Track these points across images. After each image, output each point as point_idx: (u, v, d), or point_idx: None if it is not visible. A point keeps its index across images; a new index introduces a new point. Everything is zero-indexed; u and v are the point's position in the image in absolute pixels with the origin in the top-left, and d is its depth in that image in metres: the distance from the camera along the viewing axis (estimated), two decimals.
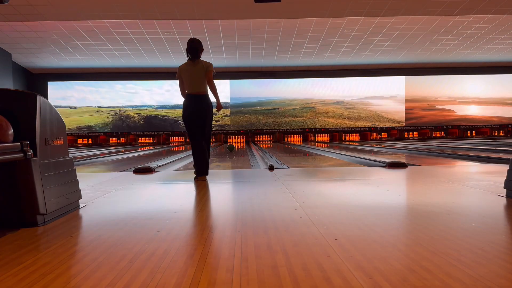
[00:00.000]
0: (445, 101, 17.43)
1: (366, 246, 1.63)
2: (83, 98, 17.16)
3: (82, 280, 1.31)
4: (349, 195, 2.92)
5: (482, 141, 12.24)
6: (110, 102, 17.24)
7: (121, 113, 17.19)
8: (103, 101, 17.21)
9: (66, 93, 17.05)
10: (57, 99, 16.88)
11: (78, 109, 17.18)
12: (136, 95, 17.22)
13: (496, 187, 3.04)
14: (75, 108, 17.14)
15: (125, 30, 11.68)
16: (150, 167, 4.76)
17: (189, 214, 2.39)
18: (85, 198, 2.82)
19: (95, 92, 17.18)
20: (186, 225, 2.09)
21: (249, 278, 1.30)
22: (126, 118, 17.22)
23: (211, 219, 2.28)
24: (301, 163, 6.69)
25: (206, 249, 1.63)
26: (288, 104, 17.33)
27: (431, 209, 2.33)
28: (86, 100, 17.17)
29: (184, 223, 2.13)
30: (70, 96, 17.10)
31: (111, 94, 17.21)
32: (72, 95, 17.12)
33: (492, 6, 9.98)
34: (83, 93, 17.18)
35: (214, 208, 2.61)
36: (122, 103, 17.20)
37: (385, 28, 12.02)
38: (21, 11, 9.68)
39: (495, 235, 1.78)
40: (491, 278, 1.26)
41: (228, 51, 14.05)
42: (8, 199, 2.06)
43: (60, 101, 16.95)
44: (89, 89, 17.13)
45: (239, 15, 10.34)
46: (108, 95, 17.18)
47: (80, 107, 17.18)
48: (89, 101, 17.19)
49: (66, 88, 16.98)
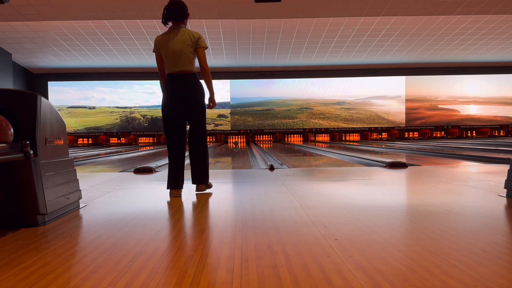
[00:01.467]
0: (446, 101, 17.42)
1: (367, 246, 1.62)
2: (103, 99, 17.32)
3: (82, 280, 1.31)
4: (350, 195, 2.92)
5: (483, 141, 12.23)
6: (128, 103, 17.33)
7: (128, 115, 17.24)
8: (121, 102, 17.32)
9: (88, 93, 17.24)
10: (79, 99, 17.10)
11: (97, 109, 17.31)
12: (154, 95, 17.27)
13: (496, 187, 3.04)
14: (94, 109, 17.26)
15: (125, 30, 11.68)
16: (150, 167, 4.76)
17: (189, 214, 2.39)
18: (86, 198, 2.82)
19: (114, 92, 17.30)
20: (186, 225, 2.08)
21: (249, 278, 1.30)
22: (132, 120, 17.27)
23: (211, 219, 2.28)
24: (301, 163, 6.69)
25: (206, 249, 1.63)
26: (288, 104, 17.32)
27: (432, 209, 2.33)
28: (104, 101, 17.32)
29: (184, 223, 2.13)
30: (91, 97, 17.29)
31: (129, 94, 17.30)
32: (93, 96, 17.31)
33: (492, 6, 9.97)
34: (103, 93, 17.34)
35: (214, 208, 2.61)
36: (139, 103, 17.25)
37: (385, 28, 12.02)
38: (21, 11, 9.68)
39: (495, 235, 1.78)
40: (491, 278, 1.26)
41: (228, 51, 14.05)
42: (8, 199, 2.05)
43: (82, 102, 17.15)
44: (109, 89, 17.25)
45: (239, 15, 10.34)
46: (126, 95, 17.28)
47: (98, 107, 17.30)
48: (108, 102, 17.32)
49: (89, 89, 17.14)
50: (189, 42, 2.92)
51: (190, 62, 2.95)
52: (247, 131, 17.23)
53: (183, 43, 2.91)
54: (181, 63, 2.93)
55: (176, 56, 2.92)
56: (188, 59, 2.94)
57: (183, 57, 2.92)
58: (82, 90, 17.15)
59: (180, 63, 2.93)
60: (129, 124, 17.26)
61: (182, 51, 2.91)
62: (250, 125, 17.25)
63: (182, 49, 2.91)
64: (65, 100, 17.08)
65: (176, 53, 2.91)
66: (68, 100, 17.11)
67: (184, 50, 2.91)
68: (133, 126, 17.23)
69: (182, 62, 2.93)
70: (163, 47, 2.95)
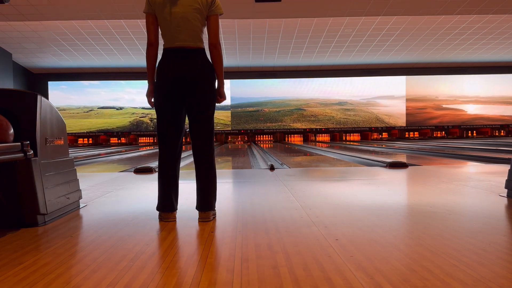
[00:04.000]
0: (447, 101, 17.40)
1: (367, 246, 1.62)
2: (132, 100, 17.44)
3: (82, 280, 1.30)
4: (350, 195, 2.92)
5: (483, 141, 12.23)
6: None
7: (138, 118, 17.31)
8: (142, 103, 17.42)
9: (117, 94, 17.40)
10: (110, 100, 17.27)
11: (123, 110, 17.40)
12: None
13: (497, 187, 3.04)
14: (121, 109, 17.35)
15: (126, 30, 11.68)
16: (150, 167, 4.76)
17: (189, 214, 2.39)
18: (86, 198, 2.82)
19: (142, 93, 17.33)
20: (187, 225, 2.08)
21: (250, 278, 1.30)
22: (140, 124, 17.33)
23: None
24: (302, 163, 6.69)
25: (206, 249, 1.63)
26: (287, 104, 17.32)
27: (432, 209, 2.33)
28: (134, 102, 17.45)
29: (185, 223, 2.13)
30: (121, 98, 17.45)
31: None
32: (123, 97, 17.47)
33: (493, 6, 9.97)
34: (131, 94, 17.47)
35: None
36: None
37: (385, 28, 12.01)
38: (21, 11, 9.68)
39: (496, 235, 1.77)
40: (492, 278, 1.26)
41: (228, 51, 14.06)
42: (9, 199, 2.05)
43: (112, 102, 17.32)
44: (137, 90, 17.31)
45: (239, 15, 10.34)
46: None
47: (125, 108, 17.40)
48: (136, 103, 17.42)
49: (118, 90, 17.27)
50: (197, 5, 2.10)
51: (197, 34, 2.13)
52: (247, 130, 17.23)
53: (188, 6, 2.09)
54: (184, 34, 2.10)
55: (177, 23, 2.09)
56: (195, 30, 2.12)
57: (188, 25, 2.10)
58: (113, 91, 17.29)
59: (182, 34, 2.10)
60: (137, 127, 17.32)
61: (186, 17, 2.09)
62: (250, 125, 17.26)
63: (186, 15, 2.09)
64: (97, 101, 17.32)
65: (177, 19, 2.09)
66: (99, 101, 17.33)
67: (189, 16, 2.09)
68: (140, 129, 17.31)
69: (185, 33, 2.11)
70: (159, 7, 2.11)
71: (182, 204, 2.74)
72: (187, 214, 2.38)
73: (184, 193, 3.06)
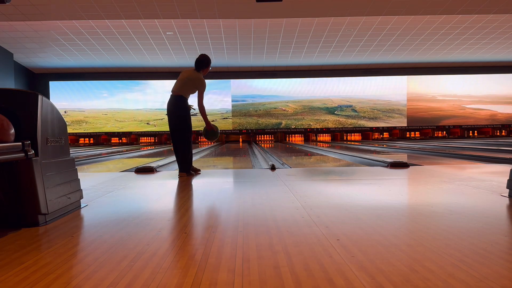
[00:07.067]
0: (448, 101, 17.38)
1: (369, 246, 1.62)
2: (136, 101, 17.47)
3: (83, 280, 1.30)
4: (351, 195, 2.92)
5: (485, 141, 12.21)
6: None
7: (144, 123, 17.38)
8: None
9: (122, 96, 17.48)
10: (112, 102, 17.34)
11: (128, 112, 17.47)
12: None
13: (498, 187, 3.03)
14: None
15: (127, 29, 11.69)
16: (151, 167, 4.76)
17: (190, 214, 2.39)
18: (87, 198, 2.82)
19: (143, 93, 17.40)
20: (187, 225, 2.08)
21: (251, 278, 1.30)
22: None
23: (212, 219, 2.27)
24: (303, 162, 6.69)
25: (207, 249, 1.63)
26: (286, 105, 17.32)
27: (433, 209, 2.33)
28: (138, 103, 17.49)
29: (185, 223, 2.13)
30: (124, 99, 17.49)
31: None
32: (126, 98, 17.51)
33: (494, 6, 9.95)
34: (135, 94, 17.46)
35: (216, 208, 2.61)
36: None
37: (387, 27, 12.00)
38: (22, 11, 9.69)
39: (498, 235, 1.77)
40: (494, 279, 1.26)
41: (229, 51, 14.05)
42: (9, 199, 2.05)
43: (114, 104, 17.38)
44: (138, 89, 17.37)
45: (240, 15, 10.34)
46: None
47: (128, 110, 17.49)
48: (140, 104, 17.47)
49: (144, 91, 17.31)
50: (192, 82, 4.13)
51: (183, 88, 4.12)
52: (248, 130, 17.23)
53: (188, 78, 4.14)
54: (177, 87, 4.13)
55: (178, 82, 4.16)
56: (182, 87, 4.11)
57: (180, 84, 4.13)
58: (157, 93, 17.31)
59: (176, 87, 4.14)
60: None
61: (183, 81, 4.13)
62: (251, 125, 17.25)
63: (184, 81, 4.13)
64: (99, 103, 17.32)
65: (179, 80, 4.16)
66: (101, 103, 17.34)
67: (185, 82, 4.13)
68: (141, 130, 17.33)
69: (178, 87, 4.13)
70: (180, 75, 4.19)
71: (183, 203, 2.74)
72: (188, 214, 2.38)
73: (184, 192, 3.07)
